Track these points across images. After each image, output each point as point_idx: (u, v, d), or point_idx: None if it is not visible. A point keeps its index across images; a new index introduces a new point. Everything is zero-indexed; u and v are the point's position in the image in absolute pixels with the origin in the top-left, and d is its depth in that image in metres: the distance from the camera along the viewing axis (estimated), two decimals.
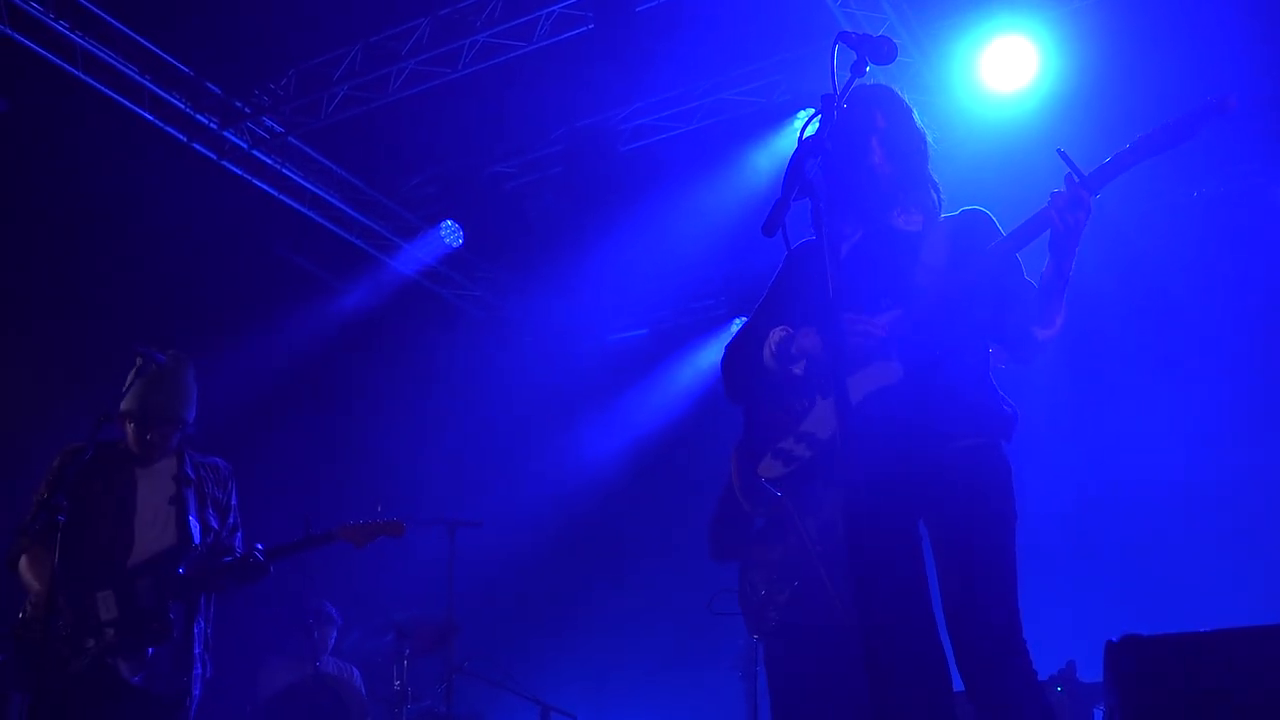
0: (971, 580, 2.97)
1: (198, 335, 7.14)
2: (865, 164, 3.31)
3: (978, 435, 3.11)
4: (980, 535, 3.00)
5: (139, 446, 4.92)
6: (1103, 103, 6.96)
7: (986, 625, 2.92)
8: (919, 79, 7.29)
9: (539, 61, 7.49)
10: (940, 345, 3.14)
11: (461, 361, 10.08)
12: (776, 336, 3.29)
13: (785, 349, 3.26)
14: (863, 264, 3.28)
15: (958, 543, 3.02)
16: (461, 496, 8.73)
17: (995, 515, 3.03)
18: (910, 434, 3.08)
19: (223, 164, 8.10)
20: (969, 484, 3.04)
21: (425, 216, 9.33)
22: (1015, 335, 3.21)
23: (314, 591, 7.20)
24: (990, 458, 3.11)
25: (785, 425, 3.29)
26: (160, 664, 4.73)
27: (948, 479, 3.05)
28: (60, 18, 6.87)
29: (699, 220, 8.62)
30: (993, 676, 2.89)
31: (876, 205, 3.36)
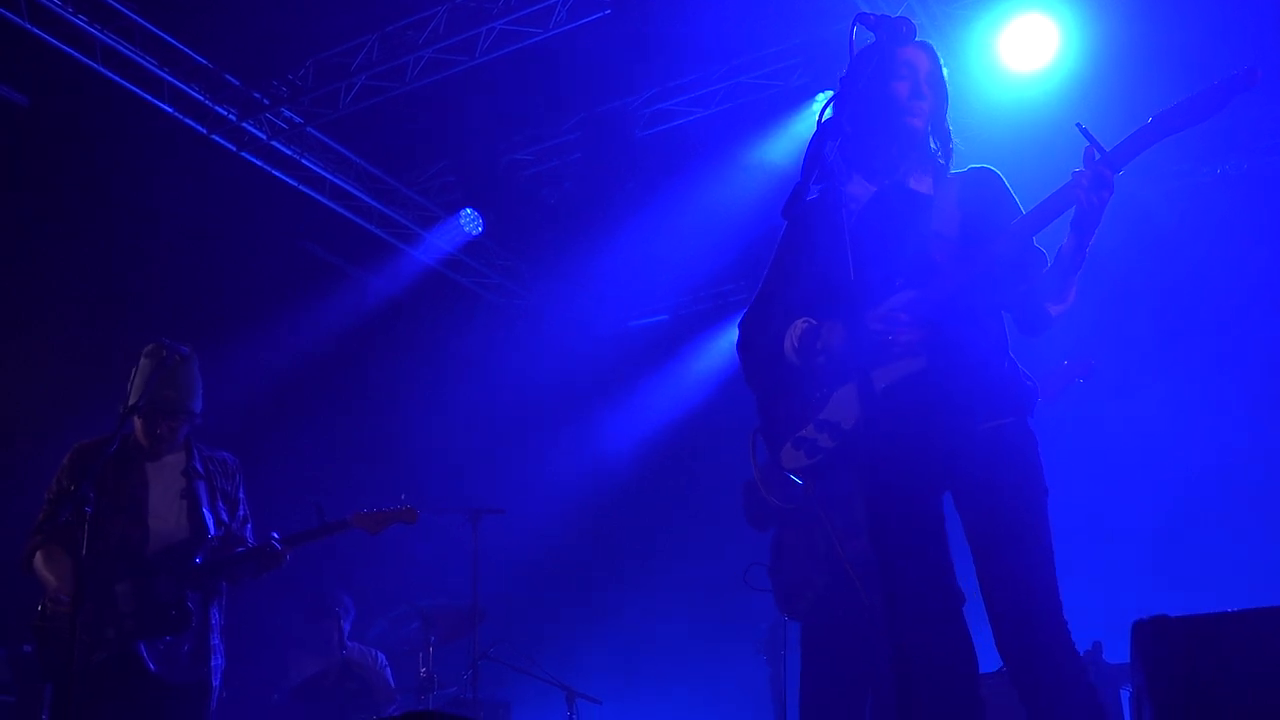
0: (1011, 558, 2.95)
1: (218, 326, 7.18)
2: (894, 100, 3.25)
3: (1005, 414, 3.08)
4: (1018, 514, 2.98)
5: (148, 440, 4.95)
6: (1125, 81, 6.89)
7: (1029, 602, 2.90)
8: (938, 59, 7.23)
9: (556, 48, 7.47)
10: (962, 325, 3.11)
11: (482, 349, 10.10)
12: (799, 329, 3.24)
13: (809, 344, 3.21)
14: (874, 231, 3.21)
15: (995, 522, 2.99)
16: (485, 484, 8.76)
17: (1030, 492, 3.01)
18: (936, 418, 3.05)
19: (242, 155, 8.12)
20: (1002, 464, 3.02)
21: (444, 205, 9.34)
22: (1029, 310, 3.20)
23: (336, 580, 7.24)
24: (1019, 435, 3.08)
25: (805, 413, 3.24)
26: (179, 654, 4.77)
27: (980, 459, 3.03)
28: (79, 12, 6.89)
29: (718, 205, 8.60)
30: (1036, 652, 2.86)
31: (897, 158, 3.30)
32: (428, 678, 6.55)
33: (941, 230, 3.18)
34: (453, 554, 7.16)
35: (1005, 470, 3.02)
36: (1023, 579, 2.92)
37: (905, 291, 3.11)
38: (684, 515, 9.66)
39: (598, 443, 10.08)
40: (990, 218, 3.17)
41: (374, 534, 5.31)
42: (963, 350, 3.10)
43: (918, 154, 3.31)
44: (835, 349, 3.16)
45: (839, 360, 3.15)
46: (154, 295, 7.51)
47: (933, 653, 2.98)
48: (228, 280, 8.00)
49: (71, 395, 6.69)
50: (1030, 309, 3.19)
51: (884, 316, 3.08)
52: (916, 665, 2.93)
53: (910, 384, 3.06)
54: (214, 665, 4.88)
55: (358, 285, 9.43)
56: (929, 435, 3.06)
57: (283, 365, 8.19)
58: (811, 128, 2.74)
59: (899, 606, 2.99)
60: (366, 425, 9.11)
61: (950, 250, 3.14)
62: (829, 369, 3.19)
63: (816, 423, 3.19)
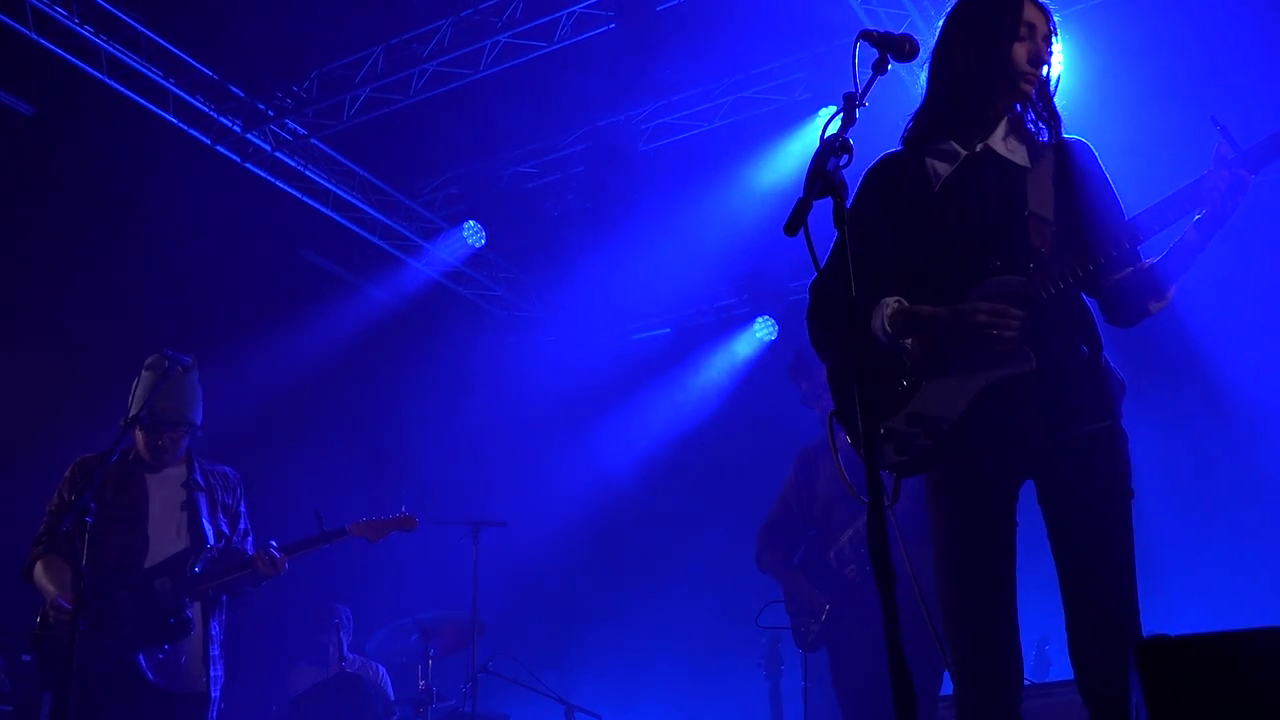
0: (1100, 565, 2.83)
1: (221, 337, 7.19)
2: (1009, 66, 3.02)
3: (1105, 417, 2.93)
4: (1109, 520, 2.86)
5: (150, 452, 4.95)
6: (1127, 100, 6.90)
7: (1114, 609, 2.81)
8: None
9: (560, 62, 7.49)
10: (1067, 321, 2.95)
11: (484, 362, 10.10)
12: (889, 310, 2.98)
13: (901, 329, 2.98)
14: (965, 201, 3.01)
15: (1086, 528, 2.86)
16: (485, 496, 8.75)
17: (1121, 498, 2.89)
18: (1038, 420, 2.90)
19: (246, 166, 8.14)
20: (1098, 468, 2.88)
21: (447, 217, 9.36)
22: (1127, 305, 3.01)
23: (336, 591, 7.24)
24: (1116, 438, 2.94)
25: (889, 402, 3.01)
26: (178, 664, 4.77)
27: (1076, 463, 2.88)
28: (85, 23, 6.92)
29: (720, 219, 8.61)
30: (1117, 662, 2.72)
31: (998, 123, 3.07)
32: (426, 690, 6.54)
33: (1039, 210, 2.97)
34: (453, 566, 7.15)
35: (1100, 475, 2.89)
36: (1109, 587, 2.83)
37: (1006, 276, 2.93)
38: (684, 529, 9.65)
39: (599, 456, 10.07)
40: (1088, 200, 2.99)
41: (373, 541, 5.32)
42: (1068, 348, 2.93)
43: (1016, 119, 3.10)
44: (933, 337, 2.95)
45: (935, 349, 2.96)
46: (157, 306, 7.52)
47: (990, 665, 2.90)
48: (230, 291, 8.00)
49: (73, 406, 6.69)
50: (1129, 301, 3.00)
51: (991, 309, 2.87)
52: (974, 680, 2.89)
53: (1016, 385, 2.89)
54: (213, 676, 4.88)
55: (362, 295, 9.44)
56: (1026, 436, 2.91)
57: (284, 376, 8.19)
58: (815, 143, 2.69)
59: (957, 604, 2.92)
60: (368, 437, 9.11)
61: (1051, 235, 2.96)
62: (920, 356, 2.99)
63: (907, 415, 2.99)
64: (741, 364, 10.07)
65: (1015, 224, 2.97)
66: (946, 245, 3.00)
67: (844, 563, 5.12)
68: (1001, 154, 3.06)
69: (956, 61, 3.07)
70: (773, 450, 8.58)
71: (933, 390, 2.98)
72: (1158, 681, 1.71)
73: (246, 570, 4.93)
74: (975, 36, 3.04)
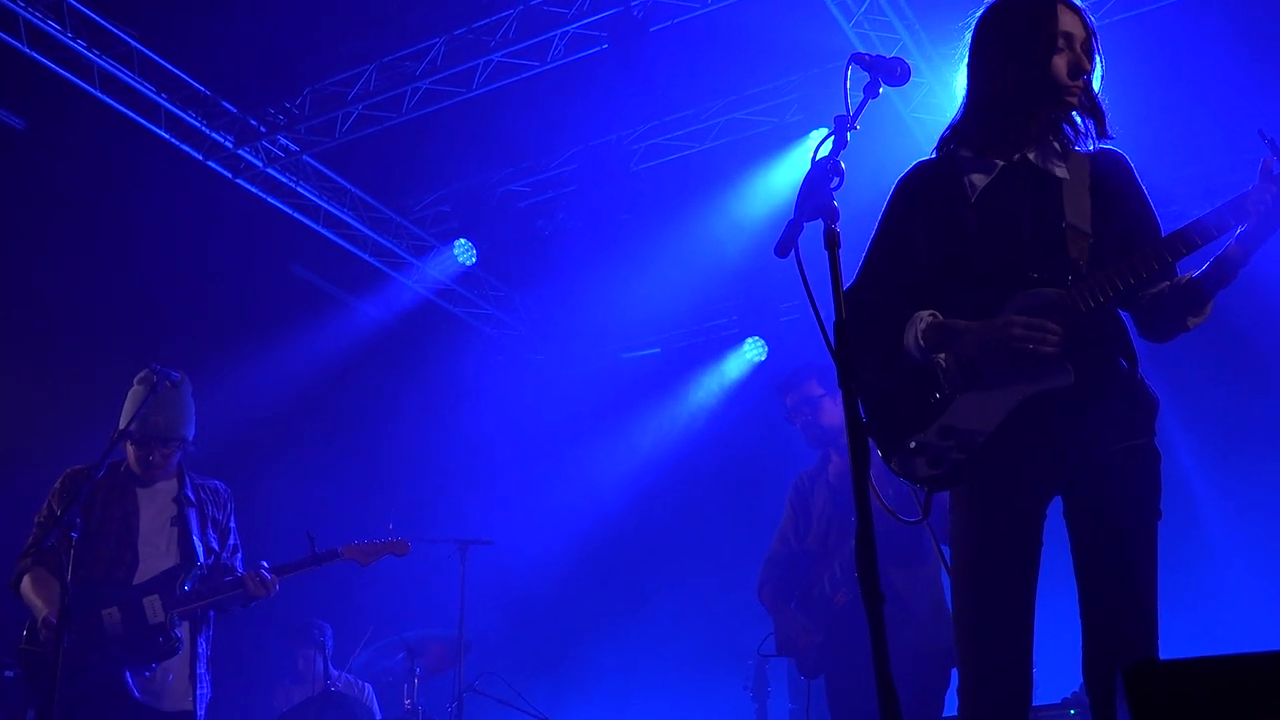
0: (1125, 582, 2.79)
1: (211, 353, 7.18)
2: (1048, 81, 2.94)
3: (1140, 434, 2.88)
4: (1137, 539, 2.82)
5: (141, 466, 4.93)
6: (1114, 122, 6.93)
7: (1136, 629, 2.77)
8: (932, 99, 7.30)
9: (553, 81, 7.51)
10: (1100, 333, 2.89)
11: (473, 379, 10.08)
12: (923, 324, 2.91)
13: (939, 344, 2.91)
14: (1001, 213, 2.96)
15: (1112, 547, 2.82)
16: (473, 515, 8.73)
17: (1150, 517, 2.85)
18: (1072, 435, 2.85)
19: (238, 182, 8.14)
20: (1130, 486, 2.85)
21: (438, 235, 9.36)
22: (1163, 317, 2.95)
23: (323, 609, 7.21)
24: (1150, 456, 2.89)
25: (921, 414, 2.95)
26: (165, 682, 4.75)
27: (1109, 479, 2.84)
28: (78, 37, 6.92)
29: (711, 240, 8.63)
30: None
31: (1039, 135, 3.01)
32: (412, 709, 6.51)
33: (1076, 222, 2.90)
34: (440, 585, 7.13)
35: (1131, 493, 2.84)
36: (1132, 606, 2.78)
37: (1043, 289, 2.87)
38: (673, 548, 9.64)
39: (587, 475, 10.06)
40: (1126, 213, 2.95)
41: (364, 565, 5.31)
42: (1104, 363, 2.88)
43: (1056, 127, 3.03)
44: (964, 351, 2.89)
45: (969, 362, 2.91)
46: (147, 320, 7.51)
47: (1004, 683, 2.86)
48: (221, 306, 8.00)
49: (65, 420, 6.67)
50: (1165, 316, 2.95)
51: (1028, 323, 2.81)
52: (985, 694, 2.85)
53: (1053, 399, 2.84)
54: (199, 695, 4.86)
55: (353, 312, 9.43)
56: (1060, 452, 2.87)
57: (274, 391, 8.18)
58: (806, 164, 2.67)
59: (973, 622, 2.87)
60: (356, 454, 9.08)
61: (1088, 247, 2.89)
62: (954, 369, 2.93)
63: (939, 428, 2.91)
64: (731, 384, 10.07)
65: (1053, 236, 2.91)
66: (982, 257, 2.95)
67: (835, 588, 5.12)
68: (1039, 165, 3.00)
69: (994, 74, 3.00)
70: (762, 470, 8.61)
71: (967, 403, 2.91)
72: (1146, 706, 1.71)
73: (237, 590, 4.91)
74: (1012, 50, 2.97)
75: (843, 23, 6.87)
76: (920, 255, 3.03)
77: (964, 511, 2.96)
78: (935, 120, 7.10)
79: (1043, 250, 2.91)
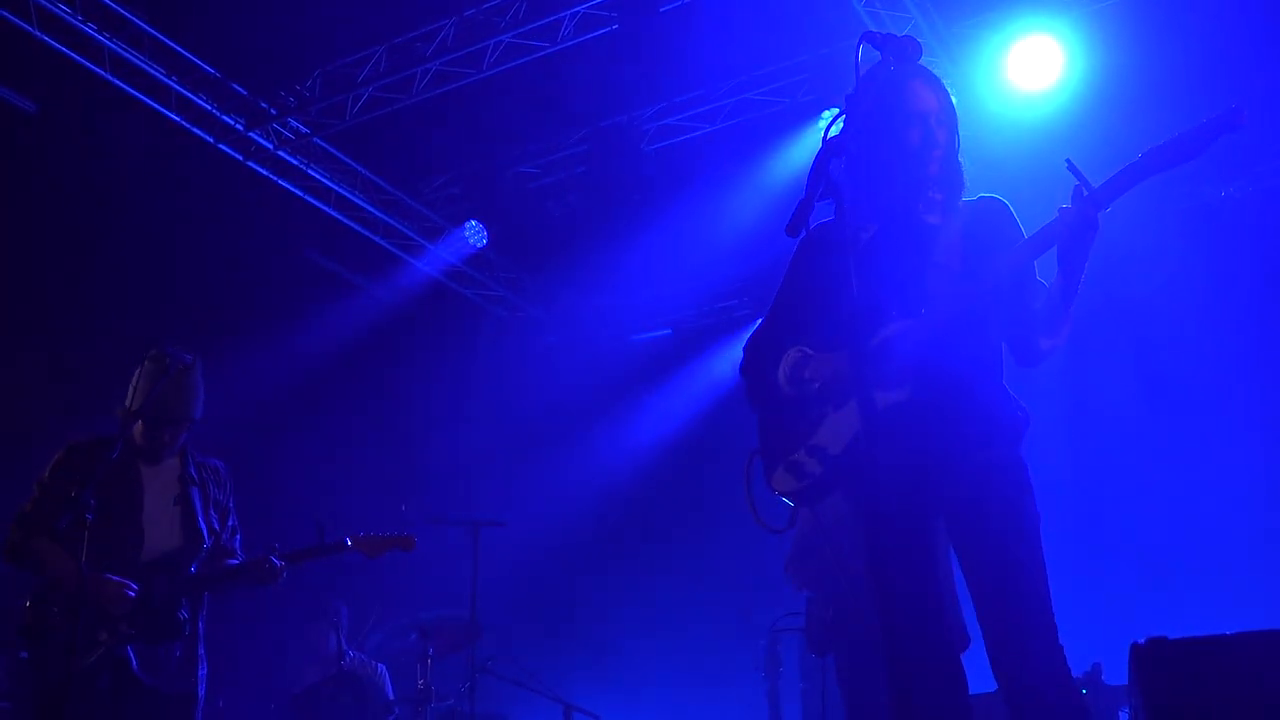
0: (1006, 585, 2.96)
1: (222, 335, 7.19)
2: (906, 148, 3.24)
3: (995, 444, 3.09)
4: (1011, 541, 2.98)
5: (149, 445, 4.94)
6: (1130, 102, 6.91)
7: (1025, 629, 2.92)
8: (944, 79, 7.24)
9: (563, 62, 7.49)
10: (957, 355, 3.11)
11: (484, 362, 10.10)
12: (792, 358, 3.27)
13: (799, 373, 3.24)
14: (879, 260, 3.21)
15: (988, 550, 3.00)
16: (485, 496, 8.75)
17: (1023, 520, 3.02)
18: (926, 445, 3.06)
19: (249, 165, 8.14)
20: (994, 492, 3.03)
21: (449, 217, 9.36)
22: (1022, 343, 3.22)
23: (336, 590, 7.24)
24: (1010, 464, 3.09)
25: (797, 438, 3.26)
26: (170, 662, 4.76)
27: (971, 487, 3.04)
28: (88, 20, 6.92)
29: (723, 220, 8.62)
30: (1032, 679, 2.87)
31: (907, 194, 3.28)
32: (425, 690, 6.54)
33: (943, 260, 3.18)
34: (452, 566, 7.15)
35: (997, 498, 3.03)
36: (1018, 606, 2.93)
37: (898, 321, 3.11)
38: (684, 530, 9.66)
39: (599, 457, 10.08)
40: (993, 248, 3.16)
41: (371, 558, 5.32)
42: (953, 380, 3.10)
43: (928, 192, 3.30)
44: (825, 378, 3.18)
45: (829, 389, 3.18)
46: (158, 303, 7.52)
47: (927, 686, 2.99)
48: (232, 289, 8.01)
49: (74, 401, 6.69)
50: (1024, 341, 3.21)
51: (877, 348, 3.08)
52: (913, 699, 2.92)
53: (904, 410, 3.06)
54: (201, 674, 4.87)
55: (364, 294, 9.44)
56: (920, 463, 3.07)
57: (285, 373, 8.20)
58: (817, 144, 2.71)
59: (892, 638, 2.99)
60: (367, 436, 9.11)
61: (949, 280, 3.14)
62: (821, 396, 3.21)
63: (807, 448, 3.21)
64: None
65: (917, 275, 3.17)
66: (860, 304, 3.13)
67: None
68: (918, 218, 3.27)
69: (863, 145, 3.21)
70: None
71: (829, 424, 3.19)
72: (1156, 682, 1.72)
73: (246, 576, 4.92)
74: (870, 127, 3.20)
75: (854, 1, 6.83)
76: (809, 304, 3.34)
77: (859, 523, 3.23)
78: None
79: (905, 289, 3.16)
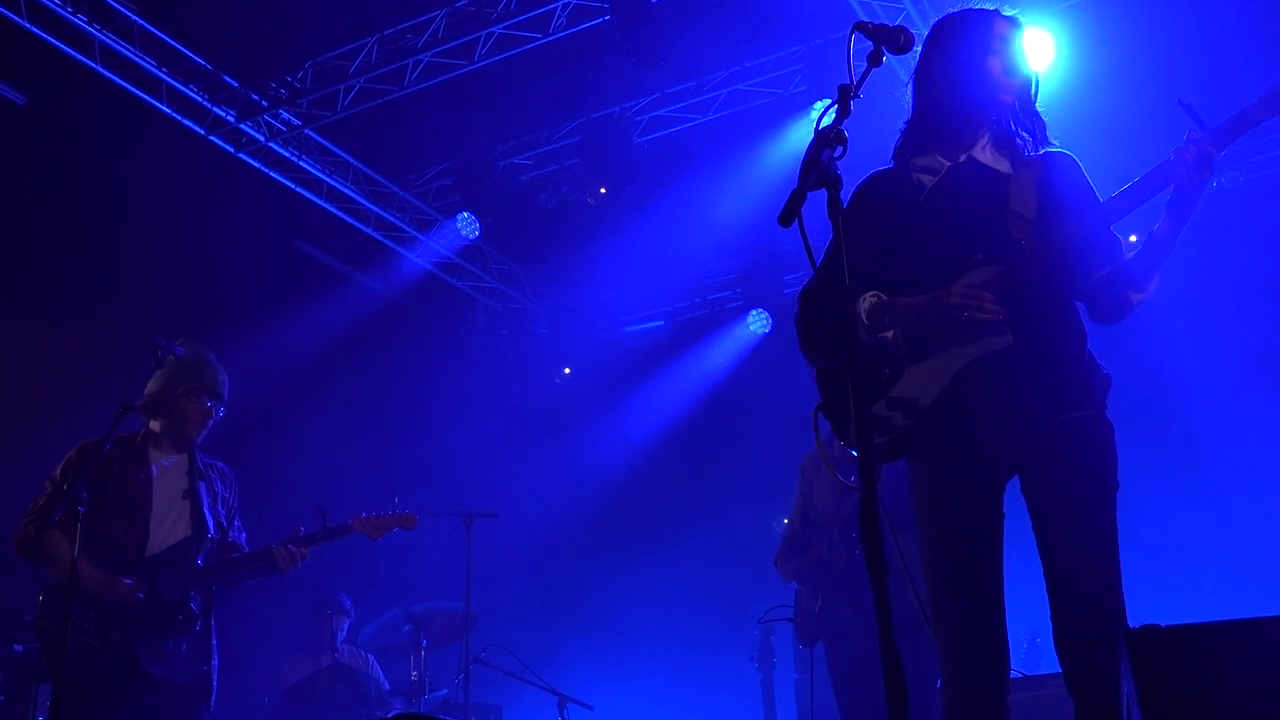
0: (1083, 551, 2.88)
1: (214, 328, 7.16)
2: (984, 79, 3.12)
3: (1087, 406, 2.99)
4: (1092, 508, 2.91)
5: (199, 424, 4.99)
6: (1119, 93, 6.92)
7: (1097, 595, 2.85)
8: None
9: (555, 53, 7.48)
10: (1045, 309, 3.01)
11: (477, 353, 10.09)
12: (867, 303, 3.09)
13: (878, 319, 3.07)
14: (949, 206, 3.11)
15: (1069, 516, 2.92)
16: (478, 487, 8.75)
17: (1104, 487, 2.94)
18: (1017, 402, 2.96)
19: (239, 156, 8.12)
20: (1081, 457, 2.94)
21: (441, 208, 9.35)
22: (1109, 297, 3.08)
23: (329, 582, 7.24)
24: (1100, 427, 3.00)
25: (873, 390, 3.09)
26: (178, 653, 4.77)
27: (1059, 451, 2.94)
28: (78, 11, 6.90)
29: (714, 212, 8.62)
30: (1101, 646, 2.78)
31: (979, 134, 3.17)
32: (419, 681, 6.55)
33: (1020, 210, 3.05)
34: (446, 557, 7.15)
35: (1083, 464, 2.94)
36: (1092, 573, 2.87)
37: (985, 267, 3.00)
38: (678, 521, 9.66)
39: (592, 448, 10.09)
40: (1069, 202, 3.05)
41: (374, 539, 5.32)
42: (1048, 335, 3.00)
43: (1000, 131, 3.19)
44: (907, 325, 3.03)
45: (912, 336, 3.04)
46: (149, 296, 7.50)
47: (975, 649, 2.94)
48: (223, 281, 7.99)
49: (65, 395, 6.68)
50: (1111, 295, 3.06)
51: (964, 292, 2.95)
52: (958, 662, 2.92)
53: (993, 363, 2.96)
54: (214, 664, 4.89)
55: (356, 286, 9.43)
56: (1007, 420, 2.97)
57: (276, 366, 8.18)
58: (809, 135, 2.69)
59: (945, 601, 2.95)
60: (361, 429, 9.10)
61: (1030, 230, 3.02)
62: (901, 345, 3.06)
63: (888, 400, 3.07)
64: (735, 357, 10.07)
65: (996, 222, 3.05)
66: (932, 249, 3.08)
67: (835, 554, 5.14)
68: (984, 163, 3.16)
69: (936, 80, 3.18)
70: (765, 443, 8.62)
71: (913, 374, 3.05)
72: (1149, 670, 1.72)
73: (262, 563, 4.92)
74: (951, 54, 3.16)
75: None
76: (876, 257, 3.16)
77: (923, 492, 3.08)
78: None
79: (986, 235, 3.05)
